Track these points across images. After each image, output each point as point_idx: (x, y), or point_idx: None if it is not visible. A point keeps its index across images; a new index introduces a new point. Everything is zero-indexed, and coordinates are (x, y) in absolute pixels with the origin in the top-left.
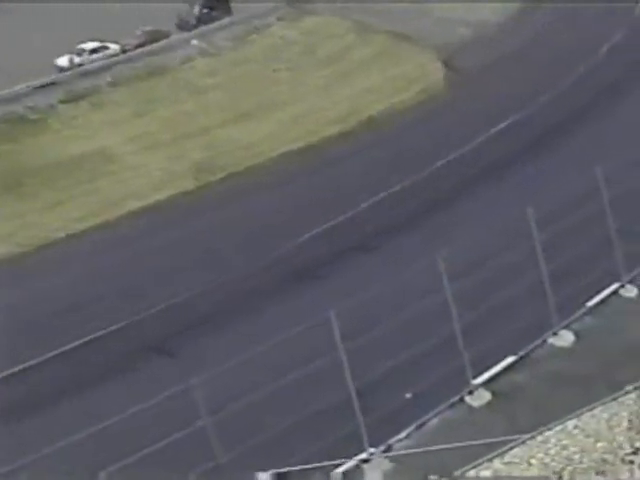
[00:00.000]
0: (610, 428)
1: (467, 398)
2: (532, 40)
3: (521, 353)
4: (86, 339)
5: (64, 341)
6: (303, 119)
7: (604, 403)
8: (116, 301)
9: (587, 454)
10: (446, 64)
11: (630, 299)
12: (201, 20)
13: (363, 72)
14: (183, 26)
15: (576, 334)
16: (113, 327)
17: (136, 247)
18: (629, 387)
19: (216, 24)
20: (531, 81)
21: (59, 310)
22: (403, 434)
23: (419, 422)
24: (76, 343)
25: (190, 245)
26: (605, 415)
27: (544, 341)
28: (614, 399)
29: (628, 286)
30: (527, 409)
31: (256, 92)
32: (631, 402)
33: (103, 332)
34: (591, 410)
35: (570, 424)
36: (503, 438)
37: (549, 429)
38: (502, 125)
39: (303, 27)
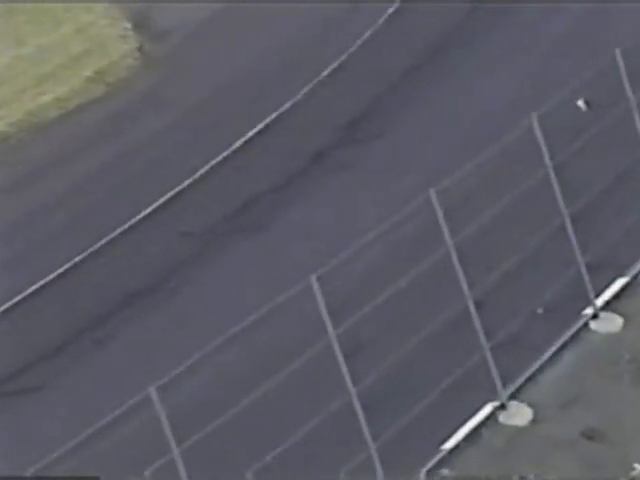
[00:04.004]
0: None
1: None
2: None
3: None
4: None
5: None
6: None
7: None
8: None
9: None
10: (137, 26)
11: (517, 430)
12: None
13: None
14: None
15: None
16: None
17: None
18: None
19: None
20: (276, 50)
21: None
22: None
23: None
24: None
25: None
26: None
27: None
28: None
29: (514, 405)
30: None
31: None
32: None
33: None
34: None
35: None
36: None
37: None
38: (253, 132)
39: None
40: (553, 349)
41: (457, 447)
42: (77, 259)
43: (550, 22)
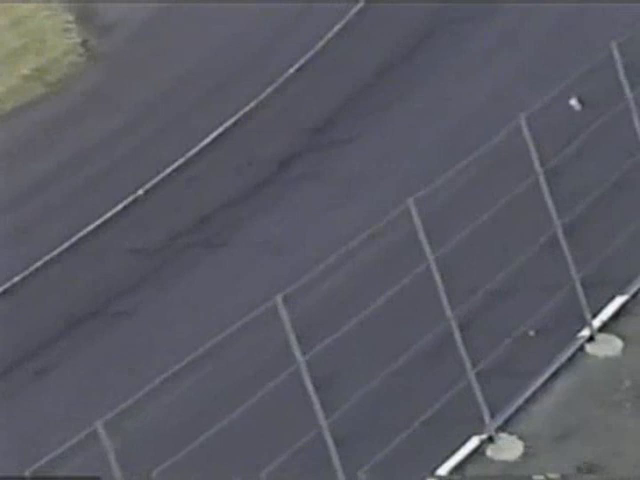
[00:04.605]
0: None
1: None
2: None
3: None
4: None
5: None
6: None
7: None
8: None
9: None
10: (80, 18)
11: (506, 465)
12: None
13: None
14: None
15: None
16: None
17: None
18: None
19: None
20: (233, 48)
21: None
22: None
23: None
24: None
25: None
26: None
27: None
28: None
29: (503, 437)
30: None
31: None
32: None
33: None
34: None
35: None
36: None
37: None
38: (209, 137)
39: None
40: (546, 375)
41: None
42: (15, 279)
43: (533, 20)
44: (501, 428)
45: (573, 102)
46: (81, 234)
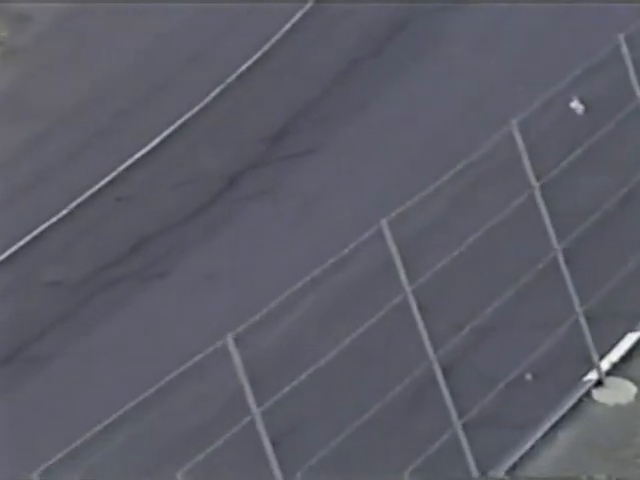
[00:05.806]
0: None
1: None
2: None
3: None
4: None
5: None
6: None
7: None
8: None
9: None
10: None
11: None
12: None
13: None
14: None
15: None
16: None
17: None
18: None
19: None
20: (172, 46)
21: None
22: None
23: None
24: None
25: None
26: None
27: None
28: None
29: None
30: None
31: None
32: None
33: None
34: None
35: None
36: None
37: None
38: (145, 149)
39: None
40: (546, 427)
41: None
42: None
43: (521, 10)
44: None
45: (574, 104)
46: None
